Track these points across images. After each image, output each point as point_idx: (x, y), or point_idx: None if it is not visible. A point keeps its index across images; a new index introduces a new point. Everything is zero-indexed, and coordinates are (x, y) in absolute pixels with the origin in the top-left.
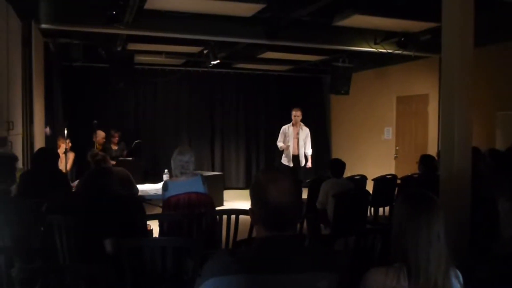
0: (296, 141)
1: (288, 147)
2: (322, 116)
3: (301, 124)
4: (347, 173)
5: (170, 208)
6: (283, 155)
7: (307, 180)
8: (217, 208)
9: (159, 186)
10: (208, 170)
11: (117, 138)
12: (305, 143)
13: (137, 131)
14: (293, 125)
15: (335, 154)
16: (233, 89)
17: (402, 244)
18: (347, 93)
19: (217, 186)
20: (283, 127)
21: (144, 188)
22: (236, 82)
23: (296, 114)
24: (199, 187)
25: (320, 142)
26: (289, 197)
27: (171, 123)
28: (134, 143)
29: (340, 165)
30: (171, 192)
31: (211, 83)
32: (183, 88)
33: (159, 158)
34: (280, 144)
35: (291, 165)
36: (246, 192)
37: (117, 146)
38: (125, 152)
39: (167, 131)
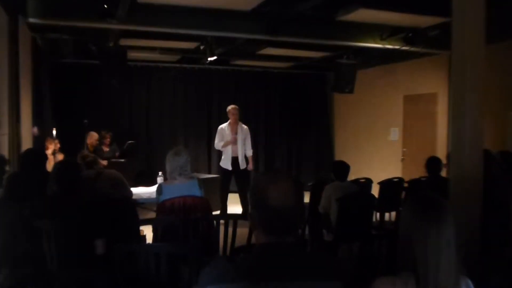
0: (235, 142)
1: (234, 139)
2: (325, 115)
3: (240, 122)
4: (352, 176)
5: (165, 212)
6: (222, 157)
7: (310, 183)
8: (214, 213)
9: (153, 189)
10: (205, 173)
11: (108, 139)
12: (245, 144)
13: (130, 132)
14: (230, 124)
15: (339, 156)
16: (231, 87)
17: (410, 252)
18: (351, 91)
19: (214, 190)
20: (220, 127)
21: (137, 191)
22: (234, 79)
23: (233, 111)
24: (196, 191)
25: (323, 143)
26: (291, 201)
27: (166, 123)
28: (126, 144)
29: (344, 168)
30: (166, 196)
31: (208, 81)
32: (178, 86)
33: (153, 159)
34: (220, 144)
35: (230, 168)
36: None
37: (108, 147)
38: (117, 154)
39: (162, 131)
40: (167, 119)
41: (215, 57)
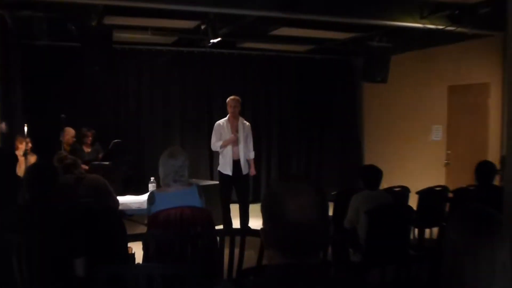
0: (236, 142)
1: (234, 138)
2: (351, 110)
3: (241, 118)
4: (384, 184)
5: (158, 226)
6: (221, 160)
7: (333, 192)
8: (217, 227)
9: (143, 198)
10: (206, 179)
11: (90, 138)
12: (247, 143)
13: (116, 129)
14: (230, 119)
15: (369, 160)
16: (238, 75)
17: (456, 276)
18: (384, 81)
19: (218, 199)
20: (217, 123)
21: (125, 200)
22: (241, 66)
23: (232, 103)
24: (195, 200)
25: (349, 143)
26: (313, 214)
27: (159, 119)
28: (111, 144)
29: (374, 174)
30: (159, 206)
31: (210, 68)
32: (174, 74)
33: (144, 162)
34: (218, 144)
35: (230, 173)
36: (256, 208)
37: (90, 148)
38: (100, 155)
39: (154, 128)
40: (161, 114)
41: (218, 39)
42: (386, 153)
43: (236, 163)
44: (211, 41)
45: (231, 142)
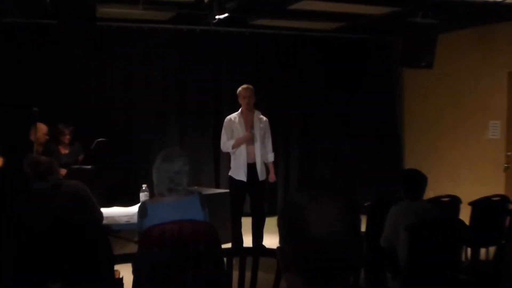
0: (251, 140)
1: (249, 136)
2: (389, 102)
3: (256, 111)
4: (429, 193)
5: (151, 244)
6: (232, 163)
7: (366, 203)
8: (224, 246)
9: (133, 210)
10: (211, 186)
11: (68, 136)
12: (265, 143)
13: (101, 125)
14: (243, 113)
15: (410, 163)
16: (249, 58)
17: None
18: (429, 66)
19: (225, 211)
20: (228, 118)
21: (111, 212)
22: (254, 47)
23: (245, 93)
24: (197, 212)
25: (386, 144)
26: (341, 229)
27: (154, 112)
28: (94, 143)
29: (417, 180)
30: (153, 220)
31: (216, 50)
32: (172, 57)
33: (135, 166)
34: (230, 143)
35: (244, 179)
36: (272, 221)
37: (68, 148)
38: (81, 157)
39: (148, 124)
40: (156, 107)
41: (225, 15)
42: (431, 155)
43: (251, 167)
44: (217, 17)
45: (245, 141)
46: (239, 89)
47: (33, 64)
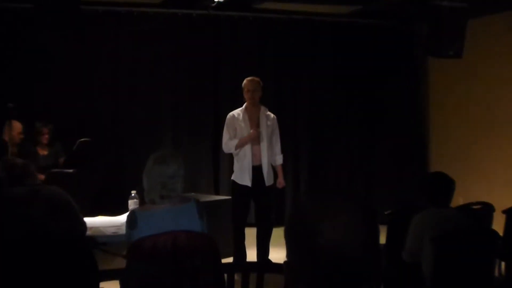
0: (257, 140)
1: (254, 135)
2: (411, 97)
3: (262, 107)
4: (458, 199)
5: (142, 258)
6: (236, 165)
7: (386, 212)
8: (224, 260)
9: (121, 219)
10: (210, 193)
11: (47, 136)
12: (272, 143)
13: (84, 123)
14: (247, 109)
15: (436, 165)
16: (253, 45)
17: None
18: (458, 55)
19: (226, 220)
20: (231, 115)
21: (96, 223)
22: (258, 33)
23: (251, 86)
24: (193, 222)
25: (409, 143)
26: (357, 241)
27: (144, 108)
28: (77, 144)
29: (444, 185)
30: (143, 231)
31: (215, 37)
32: (164, 45)
33: (123, 170)
34: (232, 143)
35: (249, 183)
36: (280, 233)
37: (47, 149)
38: (61, 159)
39: (137, 122)
40: (146, 102)
41: None
42: (460, 156)
43: (256, 170)
44: (216, 0)
45: (250, 141)
46: (244, 81)
47: (6, 54)
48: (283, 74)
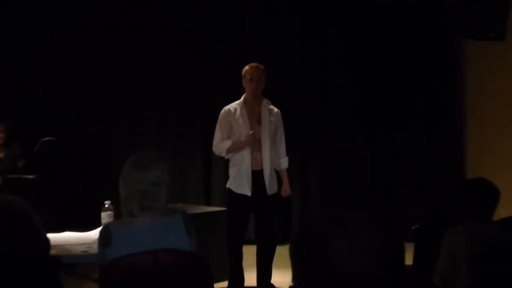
0: (258, 139)
1: (254, 135)
2: (443, 88)
3: (265, 100)
4: (502, 211)
5: (118, 282)
6: (231, 170)
7: (414, 226)
8: (217, 285)
9: (92, 236)
10: (200, 203)
11: (2, 135)
12: (276, 143)
13: (47, 119)
14: (246, 102)
15: (475, 171)
16: (252, 24)
17: None
18: (500, 36)
19: (219, 237)
20: (225, 110)
21: (62, 239)
22: (260, 10)
23: (255, 75)
24: (179, 239)
25: (441, 145)
26: (377, 261)
27: (120, 101)
28: (39, 144)
29: (485, 194)
30: (120, 249)
31: (206, 8)
32: (144, 20)
33: (94, 176)
34: (224, 145)
35: (248, 193)
36: (283, 251)
37: (2, 151)
38: (20, 163)
39: (112, 117)
40: (122, 93)
41: None
42: (503, 161)
43: (257, 176)
44: None
45: (246, 145)
46: (246, 68)
47: None
48: (289, 61)
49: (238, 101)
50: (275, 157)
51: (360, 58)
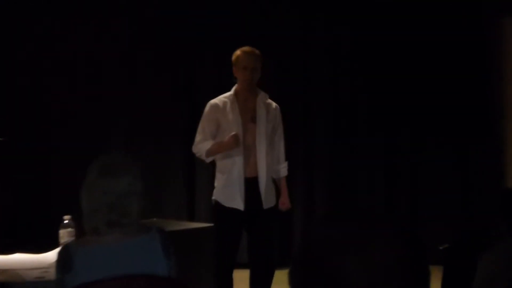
0: (252, 140)
1: (230, 142)
2: (479, 81)
3: (262, 92)
4: None
5: None
6: (218, 180)
7: (442, 247)
8: None
9: (48, 258)
10: (182, 218)
11: None
12: (274, 145)
13: None
14: (238, 93)
15: None
16: (249, 5)
17: None
18: None
19: (204, 260)
20: (212, 104)
21: (12, 262)
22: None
23: (250, 63)
24: (156, 261)
25: (475, 149)
26: (396, 286)
27: (83, 93)
28: None
29: None
30: (82, 275)
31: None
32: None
33: (51, 186)
34: (205, 145)
35: (241, 206)
36: (283, 276)
37: None
38: None
39: (72, 114)
40: (86, 83)
41: None
42: None
43: (251, 185)
44: None
45: (230, 147)
46: (238, 53)
47: None
48: (292, 48)
49: (227, 93)
50: (272, 163)
51: (380, 48)
